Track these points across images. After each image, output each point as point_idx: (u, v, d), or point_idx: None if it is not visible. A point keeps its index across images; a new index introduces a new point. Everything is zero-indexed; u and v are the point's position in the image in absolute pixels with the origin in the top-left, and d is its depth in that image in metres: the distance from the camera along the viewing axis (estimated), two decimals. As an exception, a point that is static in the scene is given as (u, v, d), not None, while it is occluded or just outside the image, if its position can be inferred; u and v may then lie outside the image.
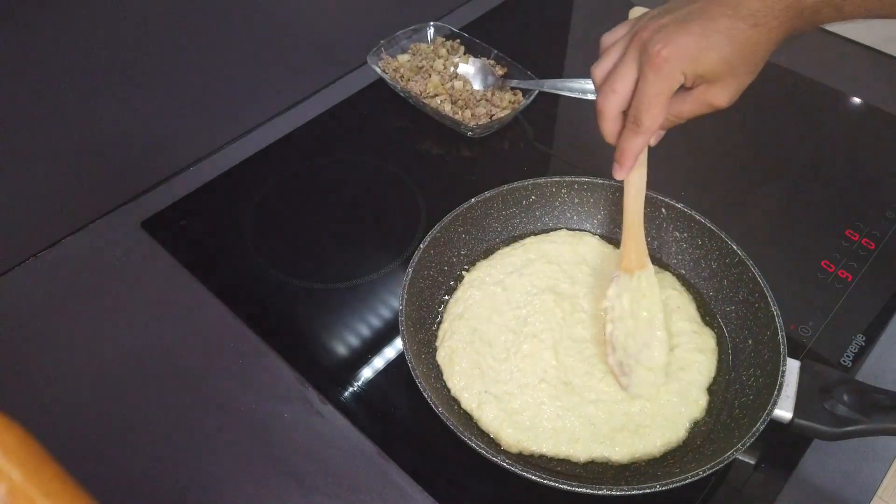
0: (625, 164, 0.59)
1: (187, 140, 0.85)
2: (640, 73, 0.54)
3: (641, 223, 0.63)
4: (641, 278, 0.62)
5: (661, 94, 0.53)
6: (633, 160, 0.59)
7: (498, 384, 0.61)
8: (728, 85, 0.54)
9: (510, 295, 0.67)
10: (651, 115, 0.54)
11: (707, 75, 0.53)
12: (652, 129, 0.56)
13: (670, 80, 0.53)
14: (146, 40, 0.75)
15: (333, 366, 0.67)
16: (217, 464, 0.60)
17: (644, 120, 0.55)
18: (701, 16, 0.52)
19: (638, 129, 0.56)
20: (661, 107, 0.54)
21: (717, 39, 0.51)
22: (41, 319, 0.70)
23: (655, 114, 0.54)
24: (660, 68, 0.52)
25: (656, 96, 0.53)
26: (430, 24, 0.99)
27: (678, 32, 0.52)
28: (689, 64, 0.52)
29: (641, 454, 0.58)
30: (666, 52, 0.51)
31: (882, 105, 0.95)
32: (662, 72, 0.52)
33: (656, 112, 0.54)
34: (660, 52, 0.51)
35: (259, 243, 0.77)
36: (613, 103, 0.56)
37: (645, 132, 0.56)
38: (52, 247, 0.76)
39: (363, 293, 0.72)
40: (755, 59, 0.53)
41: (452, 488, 0.58)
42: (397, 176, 0.85)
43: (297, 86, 0.94)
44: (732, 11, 0.51)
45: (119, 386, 0.65)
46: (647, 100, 0.54)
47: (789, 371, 0.58)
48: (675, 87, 0.53)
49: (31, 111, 0.69)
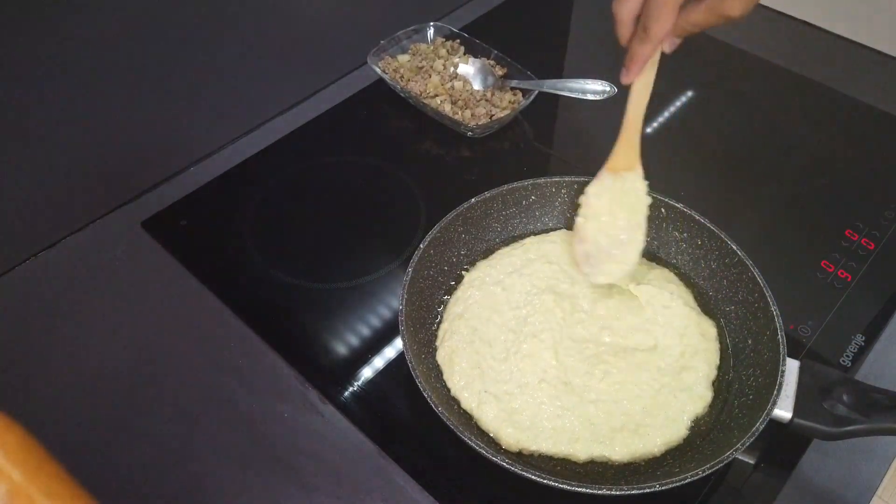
0: (632, 68, 0.60)
1: (187, 140, 0.85)
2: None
3: (639, 128, 0.63)
4: (627, 179, 0.63)
5: (668, 2, 0.54)
6: (640, 66, 0.59)
7: (498, 384, 0.61)
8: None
9: (510, 295, 0.67)
10: (659, 24, 0.55)
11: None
12: (659, 37, 0.56)
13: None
14: (146, 40, 0.75)
15: (333, 366, 0.67)
16: (217, 464, 0.60)
17: (652, 27, 0.55)
18: None
19: (646, 35, 0.56)
20: (669, 15, 0.54)
21: None
22: (41, 319, 0.70)
23: (663, 22, 0.55)
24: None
25: (664, 4, 0.54)
26: (430, 24, 0.99)
27: None
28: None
29: (641, 454, 0.58)
30: None
31: (882, 105, 0.95)
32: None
33: (664, 20, 0.55)
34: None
35: (259, 243, 0.77)
36: (627, 8, 0.57)
37: (652, 39, 0.56)
38: (52, 247, 0.76)
39: (363, 293, 0.73)
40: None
41: (452, 488, 0.58)
42: (397, 176, 0.85)
43: (297, 86, 0.94)
44: None
45: (119, 386, 0.65)
46: (657, 8, 0.54)
47: (789, 371, 0.58)
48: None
49: (32, 111, 0.69)
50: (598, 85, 0.92)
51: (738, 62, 1.03)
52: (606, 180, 0.64)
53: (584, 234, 0.63)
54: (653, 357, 0.63)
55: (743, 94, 0.99)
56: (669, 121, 0.94)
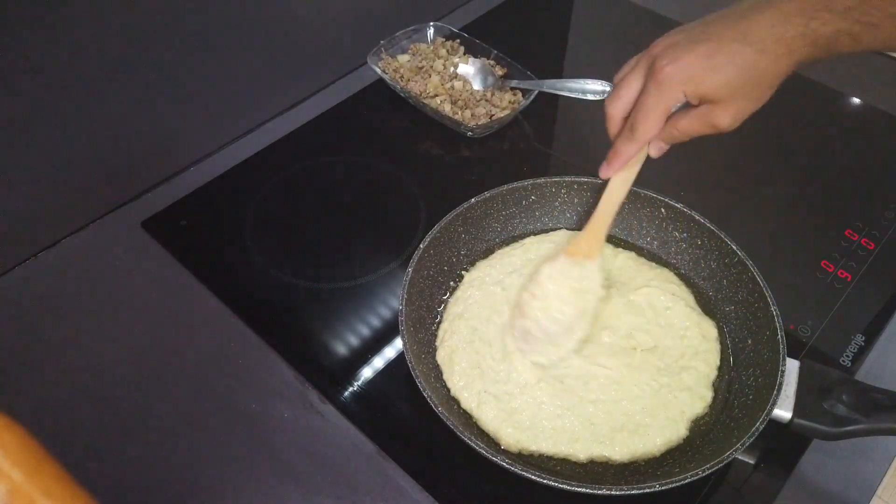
0: (613, 164, 0.62)
1: (187, 140, 0.85)
2: (644, 84, 0.56)
3: (608, 222, 0.65)
4: (584, 268, 0.63)
5: (657, 107, 0.56)
6: (621, 163, 0.62)
7: (497, 384, 0.61)
8: (730, 107, 0.55)
9: (510, 295, 0.67)
10: (645, 126, 0.57)
11: (709, 96, 0.54)
12: (644, 139, 0.58)
13: (669, 95, 0.55)
14: (146, 41, 0.75)
15: (333, 366, 0.67)
16: (217, 464, 0.60)
17: (638, 128, 0.58)
18: (711, 38, 0.53)
19: (632, 135, 0.58)
20: (656, 119, 0.57)
21: (722, 62, 0.53)
22: (41, 319, 0.70)
23: (649, 125, 0.57)
24: (661, 83, 0.54)
25: (653, 109, 0.56)
26: (430, 24, 0.99)
27: (686, 51, 0.54)
28: (691, 83, 0.54)
29: (641, 454, 0.58)
30: (670, 68, 0.54)
31: (882, 105, 0.95)
32: (663, 87, 0.54)
33: (650, 124, 0.57)
34: (664, 68, 0.54)
35: (259, 243, 0.77)
36: (617, 107, 0.59)
37: (637, 140, 0.59)
38: (52, 247, 0.76)
39: (363, 293, 0.73)
40: (761, 86, 0.54)
41: (452, 488, 0.58)
42: (397, 176, 0.85)
43: (297, 86, 0.94)
44: (742, 36, 0.52)
45: (119, 386, 0.65)
46: (645, 111, 0.56)
47: (789, 371, 0.58)
48: (673, 103, 0.56)
49: (32, 111, 0.69)
50: (598, 85, 0.92)
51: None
52: (563, 264, 0.64)
53: (528, 311, 0.62)
54: (653, 357, 0.63)
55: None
56: (669, 121, 0.94)
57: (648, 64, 0.56)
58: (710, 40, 0.53)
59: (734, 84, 0.53)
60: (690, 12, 1.13)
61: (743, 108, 0.55)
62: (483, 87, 0.93)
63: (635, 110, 0.57)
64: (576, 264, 0.63)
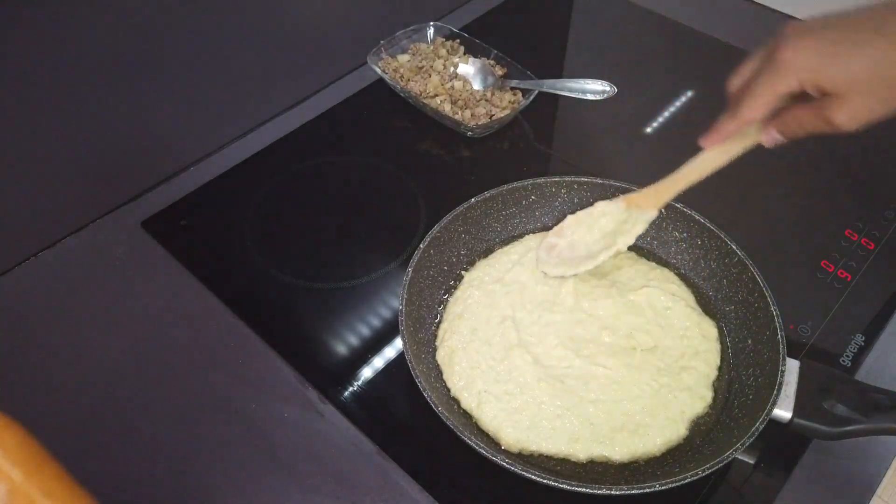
0: (709, 136, 0.58)
1: (187, 140, 0.85)
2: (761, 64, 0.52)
3: (679, 187, 0.63)
4: (636, 217, 0.64)
5: (766, 89, 0.51)
6: (717, 137, 0.57)
7: (497, 384, 0.61)
8: (851, 104, 0.49)
9: (510, 292, 0.67)
10: (748, 105, 0.53)
11: (828, 87, 0.49)
12: (744, 118, 0.54)
13: (782, 79, 0.50)
14: (146, 40, 0.75)
15: (333, 366, 0.67)
16: (217, 464, 0.60)
17: (741, 106, 0.53)
18: (842, 26, 0.49)
19: (734, 112, 0.54)
20: (762, 101, 0.52)
21: (847, 50, 0.48)
22: (41, 319, 0.70)
23: (753, 106, 0.53)
24: (776, 65, 0.50)
25: (761, 89, 0.52)
26: (430, 24, 0.99)
27: (812, 36, 0.49)
28: (808, 70, 0.49)
29: (641, 453, 0.58)
30: (789, 51, 0.49)
31: (882, 105, 0.95)
32: (778, 70, 0.50)
33: (755, 105, 0.53)
34: (783, 52, 0.50)
35: (259, 243, 0.77)
36: (733, 83, 0.56)
37: (738, 118, 0.54)
38: (52, 247, 0.76)
39: (363, 293, 0.73)
40: (891, 85, 0.48)
41: (452, 488, 0.58)
42: (397, 176, 0.85)
43: (297, 86, 0.94)
44: (876, 26, 0.47)
45: (119, 386, 0.65)
46: (752, 90, 0.52)
47: (789, 371, 0.58)
48: (786, 88, 0.51)
49: (32, 111, 0.69)
50: (598, 85, 0.92)
51: (738, 62, 1.03)
52: (619, 206, 0.66)
53: (566, 230, 0.66)
54: (653, 357, 0.63)
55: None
56: (669, 121, 0.94)
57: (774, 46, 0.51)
58: (840, 28, 0.49)
59: (858, 76, 0.48)
60: (690, 12, 1.14)
61: (866, 107, 0.49)
62: (483, 87, 0.93)
63: (745, 88, 0.53)
64: (631, 212, 0.64)
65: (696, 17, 1.10)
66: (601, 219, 0.66)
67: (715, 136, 0.57)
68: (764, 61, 0.52)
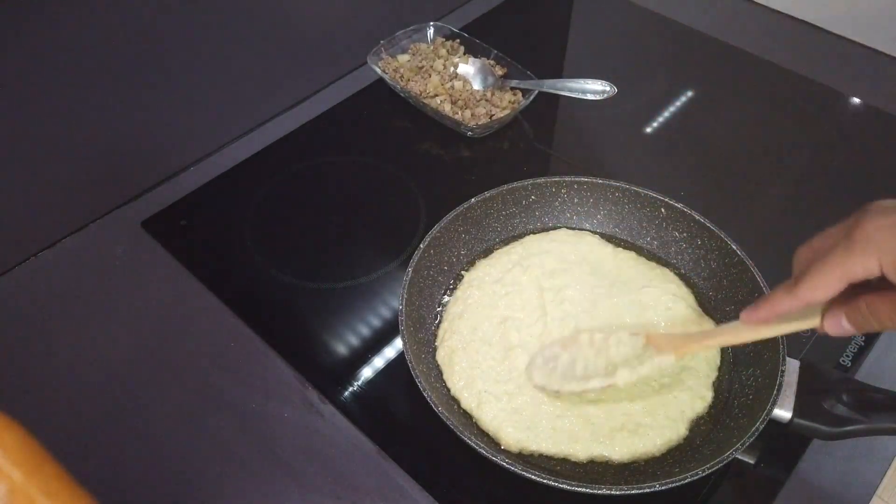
0: (758, 311, 0.50)
1: (187, 140, 0.85)
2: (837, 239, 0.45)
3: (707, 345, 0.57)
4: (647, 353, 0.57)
5: (835, 267, 0.44)
6: (766, 314, 0.49)
7: (497, 384, 0.61)
8: None
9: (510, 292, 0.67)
10: (810, 282, 0.45)
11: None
12: (803, 298, 0.46)
13: (857, 259, 0.43)
14: (146, 41, 0.75)
15: (333, 366, 0.67)
16: (217, 464, 0.60)
17: (802, 282, 0.46)
18: None
19: (792, 287, 0.47)
20: (828, 281, 0.44)
21: None
22: (41, 319, 0.70)
23: (816, 284, 0.45)
24: (853, 243, 0.43)
25: (829, 267, 0.44)
26: (430, 24, 0.99)
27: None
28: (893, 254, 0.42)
29: (641, 454, 0.58)
30: (870, 230, 0.42)
31: (882, 105, 0.95)
32: (854, 247, 0.43)
33: (818, 283, 0.45)
34: (863, 229, 0.43)
35: (259, 243, 0.77)
36: (801, 253, 0.49)
37: (794, 296, 0.47)
38: (52, 247, 0.76)
39: (363, 293, 0.73)
40: None
41: (452, 488, 0.58)
42: (397, 176, 0.85)
43: (297, 86, 0.94)
44: None
45: (119, 386, 0.65)
46: (819, 265, 0.45)
47: (789, 371, 0.58)
48: (861, 271, 0.43)
49: (32, 111, 0.69)
50: (598, 85, 0.92)
51: (738, 62, 1.03)
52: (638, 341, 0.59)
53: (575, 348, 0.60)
54: (653, 357, 0.63)
55: (743, 94, 0.99)
56: (669, 121, 0.94)
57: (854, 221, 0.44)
58: None
59: None
60: (690, 12, 1.14)
61: None
62: (483, 87, 0.93)
63: (810, 264, 0.46)
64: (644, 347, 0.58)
65: (696, 17, 1.10)
66: (617, 346, 0.59)
67: (763, 312, 0.49)
68: (840, 237, 0.44)
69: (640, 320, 0.65)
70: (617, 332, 0.60)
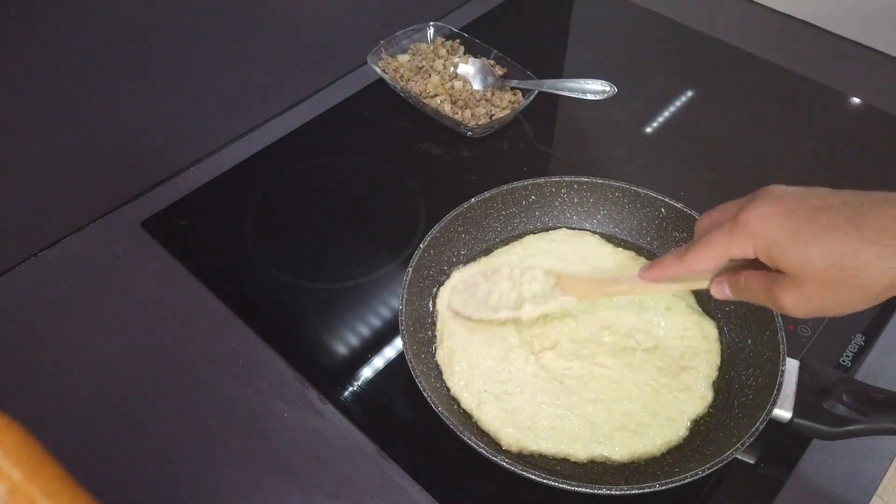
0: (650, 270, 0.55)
1: (187, 140, 0.85)
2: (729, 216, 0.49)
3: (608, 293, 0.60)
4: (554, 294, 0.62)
5: (716, 246, 0.49)
6: (657, 274, 0.55)
7: (497, 384, 0.61)
8: (799, 288, 0.45)
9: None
10: (695, 255, 0.50)
11: (780, 264, 0.45)
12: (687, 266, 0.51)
13: (734, 242, 0.47)
14: (146, 40, 0.75)
15: (333, 366, 0.67)
16: (217, 463, 0.60)
17: (688, 253, 0.51)
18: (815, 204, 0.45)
19: (681, 254, 0.52)
20: (709, 256, 0.50)
21: (813, 233, 0.44)
22: (41, 319, 0.70)
23: (699, 257, 0.50)
24: (734, 226, 0.47)
25: (711, 244, 0.49)
26: (430, 24, 0.99)
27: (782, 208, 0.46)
28: (764, 241, 0.46)
29: (641, 454, 0.58)
30: (751, 216, 0.46)
31: (882, 105, 0.95)
32: (734, 231, 0.47)
33: (700, 256, 0.50)
34: (746, 214, 0.47)
35: (259, 243, 0.77)
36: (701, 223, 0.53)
37: (682, 263, 0.52)
38: (52, 247, 0.76)
39: (363, 293, 0.73)
40: (849, 283, 0.43)
41: (452, 488, 0.58)
42: (397, 176, 0.85)
43: (298, 86, 0.94)
44: (852, 216, 0.43)
45: (119, 386, 0.65)
46: (704, 241, 0.50)
47: (788, 371, 0.58)
48: (737, 252, 0.48)
49: (31, 111, 0.69)
50: (598, 85, 0.92)
51: (738, 62, 1.03)
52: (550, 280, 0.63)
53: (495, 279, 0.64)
54: (653, 357, 0.63)
55: (743, 94, 0.99)
56: (669, 121, 0.94)
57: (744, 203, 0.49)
58: (811, 206, 0.45)
59: (816, 263, 0.43)
60: (690, 12, 1.14)
61: (814, 297, 0.45)
62: (483, 87, 0.93)
63: (697, 237, 0.51)
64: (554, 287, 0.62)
65: (696, 17, 1.10)
66: (530, 283, 0.63)
67: (655, 272, 0.55)
68: (732, 214, 0.48)
69: (639, 320, 0.65)
70: (532, 269, 0.64)
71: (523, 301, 0.62)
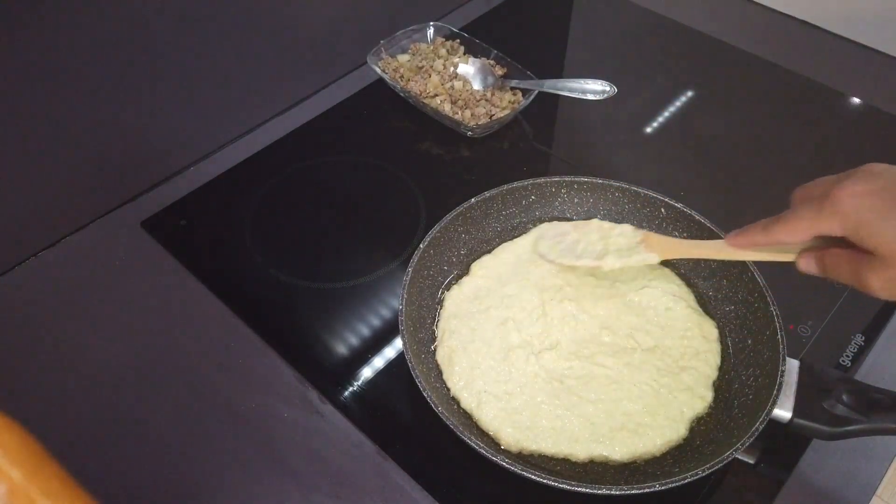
0: (737, 237, 0.55)
1: (187, 140, 0.85)
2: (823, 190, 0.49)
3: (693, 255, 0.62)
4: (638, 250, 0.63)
5: (803, 221, 0.48)
6: (743, 241, 0.55)
7: (497, 383, 0.61)
8: (890, 270, 0.44)
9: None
10: (782, 227, 0.50)
11: (870, 246, 0.45)
12: (772, 238, 0.51)
13: (823, 219, 0.47)
14: (146, 40, 0.75)
15: (333, 366, 0.67)
16: (217, 463, 0.60)
17: (775, 225, 0.51)
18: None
19: (768, 225, 0.52)
20: (794, 230, 0.49)
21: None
22: (41, 319, 0.70)
23: (785, 230, 0.50)
24: (822, 203, 0.47)
25: (796, 218, 0.49)
26: (430, 24, 0.99)
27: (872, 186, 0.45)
28: (853, 221, 0.45)
29: (641, 454, 0.58)
30: (842, 194, 0.46)
31: (882, 105, 0.95)
32: (823, 208, 0.47)
33: (787, 230, 0.50)
34: (837, 191, 0.46)
35: (259, 243, 0.77)
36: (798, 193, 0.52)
37: (768, 234, 0.52)
38: (52, 247, 0.76)
39: (363, 293, 0.73)
40: None
41: (452, 488, 0.58)
42: (397, 176, 0.85)
43: (297, 86, 0.94)
44: None
45: (119, 386, 0.65)
46: (792, 215, 0.49)
47: (788, 371, 0.58)
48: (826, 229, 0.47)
49: (32, 111, 0.69)
50: (598, 85, 0.92)
51: (738, 62, 1.03)
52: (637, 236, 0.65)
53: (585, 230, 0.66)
54: (653, 357, 0.63)
55: (743, 94, 0.99)
56: (669, 121, 0.94)
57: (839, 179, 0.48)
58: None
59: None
60: (690, 12, 1.14)
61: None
62: (483, 87, 0.93)
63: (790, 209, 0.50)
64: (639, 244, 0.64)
65: (696, 17, 1.10)
66: (617, 237, 0.65)
67: (741, 239, 0.54)
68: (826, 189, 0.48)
69: (639, 320, 0.65)
70: (622, 224, 0.66)
71: (607, 253, 0.63)
